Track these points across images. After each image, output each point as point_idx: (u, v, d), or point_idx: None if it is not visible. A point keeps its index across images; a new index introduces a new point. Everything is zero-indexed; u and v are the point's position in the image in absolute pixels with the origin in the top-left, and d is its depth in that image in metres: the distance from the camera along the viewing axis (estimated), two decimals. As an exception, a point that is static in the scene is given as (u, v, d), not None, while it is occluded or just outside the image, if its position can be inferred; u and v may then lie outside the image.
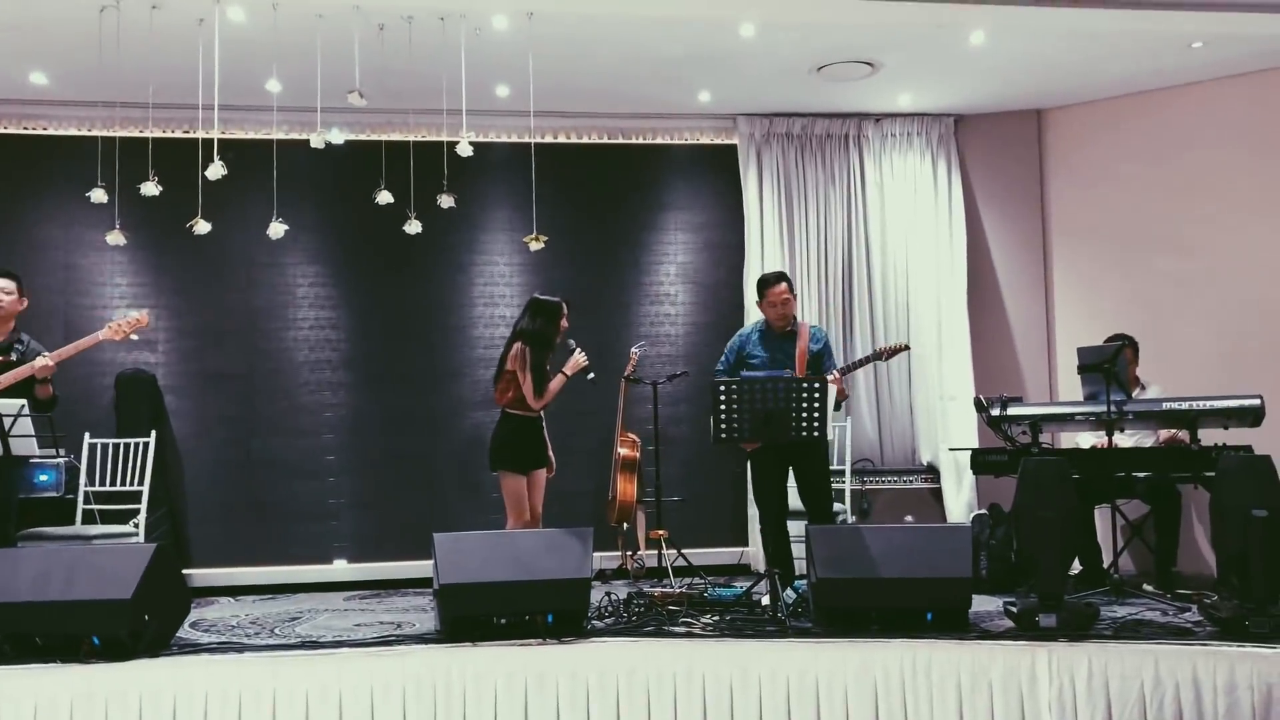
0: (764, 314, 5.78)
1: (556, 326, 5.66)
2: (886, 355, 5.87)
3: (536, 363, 5.58)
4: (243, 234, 6.84)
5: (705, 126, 7.55)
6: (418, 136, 6.34)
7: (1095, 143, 7.38)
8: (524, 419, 5.63)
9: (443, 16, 5.59)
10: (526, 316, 5.68)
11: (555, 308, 5.67)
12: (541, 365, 5.61)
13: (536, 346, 5.60)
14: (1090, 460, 5.77)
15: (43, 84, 6.53)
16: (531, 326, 5.64)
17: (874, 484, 7.15)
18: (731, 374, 5.65)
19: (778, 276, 5.75)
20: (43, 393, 5.36)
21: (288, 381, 7.14)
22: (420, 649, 4.54)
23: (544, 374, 5.61)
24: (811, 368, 5.62)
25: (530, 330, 5.63)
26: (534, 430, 5.66)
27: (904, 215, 7.47)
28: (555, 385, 5.65)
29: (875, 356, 5.86)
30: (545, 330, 5.63)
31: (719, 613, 5.12)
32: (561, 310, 5.68)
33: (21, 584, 4.45)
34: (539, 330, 5.62)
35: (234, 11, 5.49)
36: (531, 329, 5.63)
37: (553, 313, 5.66)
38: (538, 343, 5.60)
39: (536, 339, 5.60)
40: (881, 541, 4.82)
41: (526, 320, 5.67)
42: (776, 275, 5.78)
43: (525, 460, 5.63)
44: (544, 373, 5.62)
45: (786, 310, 5.69)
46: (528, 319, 5.67)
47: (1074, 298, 7.45)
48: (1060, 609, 4.53)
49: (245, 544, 6.94)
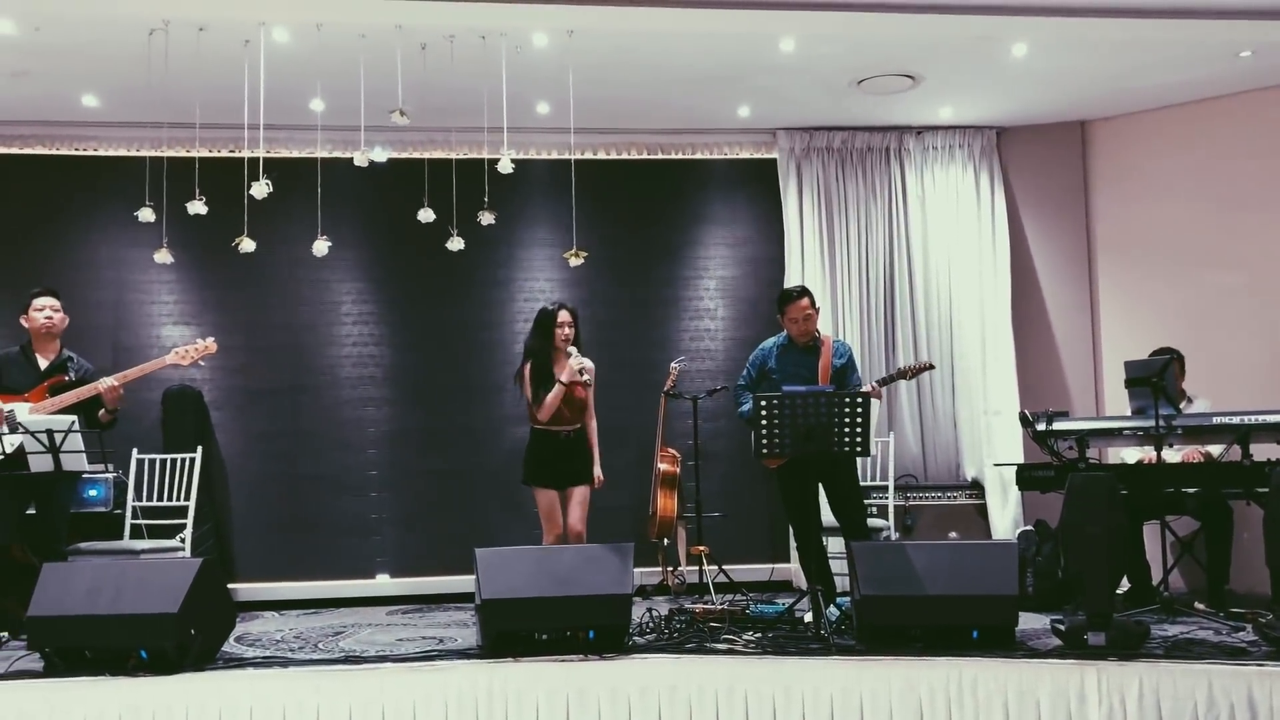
0: (786, 329, 5.70)
1: (551, 334, 5.54)
2: (911, 374, 5.76)
3: (536, 376, 5.52)
4: (287, 252, 6.92)
5: (744, 141, 7.55)
6: (459, 154, 6.40)
7: (1141, 154, 7.29)
8: (548, 434, 5.57)
9: (484, 35, 5.64)
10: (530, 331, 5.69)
11: (546, 316, 5.57)
12: (542, 377, 5.52)
13: (536, 359, 5.56)
14: (1139, 476, 5.67)
15: (94, 106, 6.66)
16: (529, 341, 5.64)
17: (917, 500, 7.08)
18: (754, 389, 5.58)
19: (800, 291, 5.68)
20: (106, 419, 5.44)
21: (331, 397, 7.21)
22: (462, 664, 4.54)
23: (548, 384, 5.50)
24: (836, 382, 5.56)
25: (529, 343, 5.63)
26: (560, 445, 5.57)
27: (946, 229, 7.42)
28: (550, 398, 5.48)
29: (900, 375, 5.77)
30: (540, 341, 5.58)
31: (761, 630, 5.08)
32: (554, 317, 5.54)
33: (72, 598, 4.51)
34: (534, 342, 5.60)
35: (279, 32, 5.57)
36: (529, 342, 5.63)
37: (544, 322, 5.57)
38: (537, 355, 5.57)
39: (534, 352, 5.58)
40: (926, 558, 4.77)
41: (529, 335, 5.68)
42: (799, 290, 5.70)
43: (549, 475, 5.57)
44: (548, 383, 5.50)
45: (808, 326, 5.63)
46: (530, 334, 5.68)
47: (1120, 311, 7.36)
48: (1109, 627, 4.45)
49: (289, 558, 7.00)
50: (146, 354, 6.63)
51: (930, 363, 5.96)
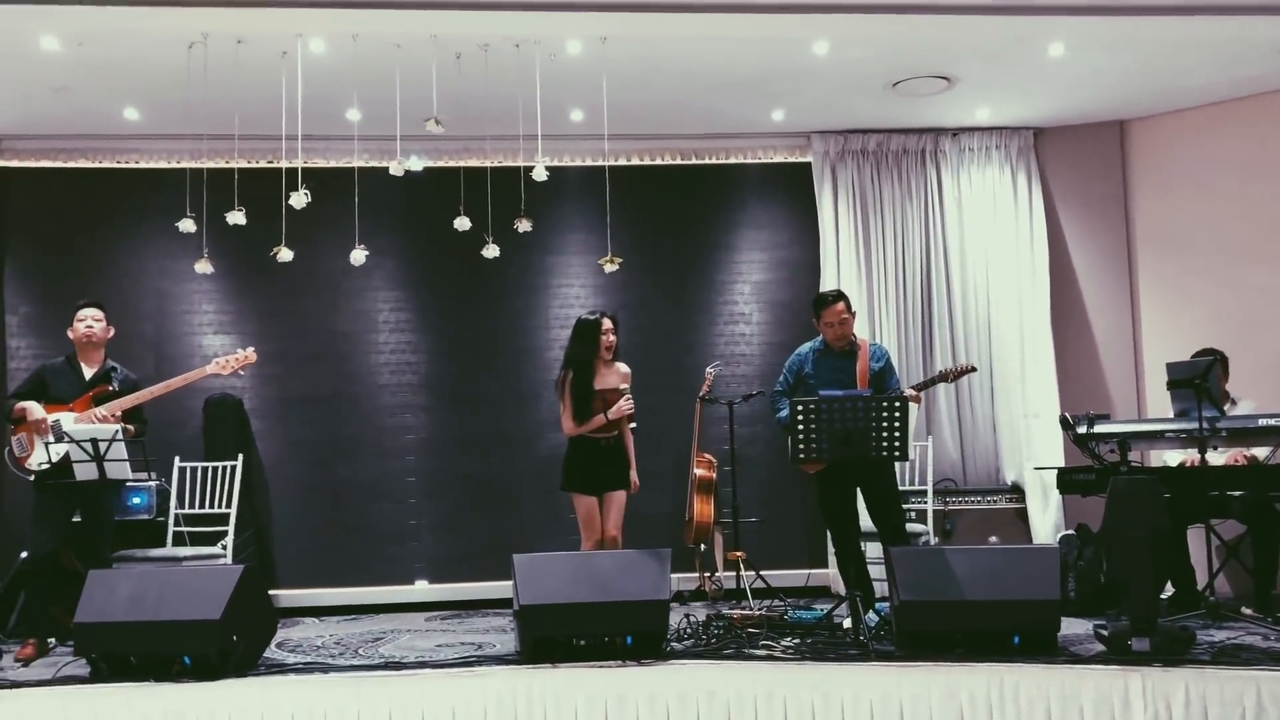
0: (821, 333, 5.67)
1: (595, 344, 5.55)
2: (953, 377, 5.72)
3: (577, 388, 5.52)
4: (325, 261, 6.98)
5: (778, 145, 7.53)
6: (494, 162, 6.43)
7: (1181, 153, 7.20)
8: (588, 441, 5.57)
9: (518, 44, 5.67)
10: (570, 340, 5.69)
11: (589, 326, 5.57)
12: (583, 389, 5.51)
13: (578, 370, 5.55)
14: (1182, 479, 5.60)
15: (135, 119, 6.76)
16: (571, 350, 5.63)
17: (956, 504, 7.02)
18: (791, 395, 5.55)
19: (836, 295, 5.65)
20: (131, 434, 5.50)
21: (369, 405, 7.26)
22: (501, 670, 4.57)
23: (588, 398, 5.50)
24: (874, 386, 5.53)
25: (570, 354, 5.63)
26: (600, 452, 5.57)
27: (983, 230, 7.36)
28: (592, 424, 5.51)
29: (941, 378, 5.72)
30: (583, 351, 5.57)
31: (799, 635, 5.07)
32: (598, 326, 5.55)
33: (117, 604, 4.58)
34: (577, 352, 5.59)
35: (315, 44, 5.63)
36: (571, 352, 5.63)
37: (587, 332, 5.57)
38: (579, 366, 5.56)
39: (576, 362, 5.58)
40: (966, 563, 4.74)
41: (569, 344, 5.68)
42: (835, 294, 5.67)
43: (589, 481, 5.57)
44: (588, 397, 5.50)
45: (844, 330, 5.60)
46: (569, 342, 5.67)
47: (1161, 312, 7.27)
48: (1154, 633, 4.40)
49: (329, 565, 7.06)
50: (188, 363, 6.72)
51: (972, 365, 5.92)
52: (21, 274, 7.12)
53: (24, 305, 7.10)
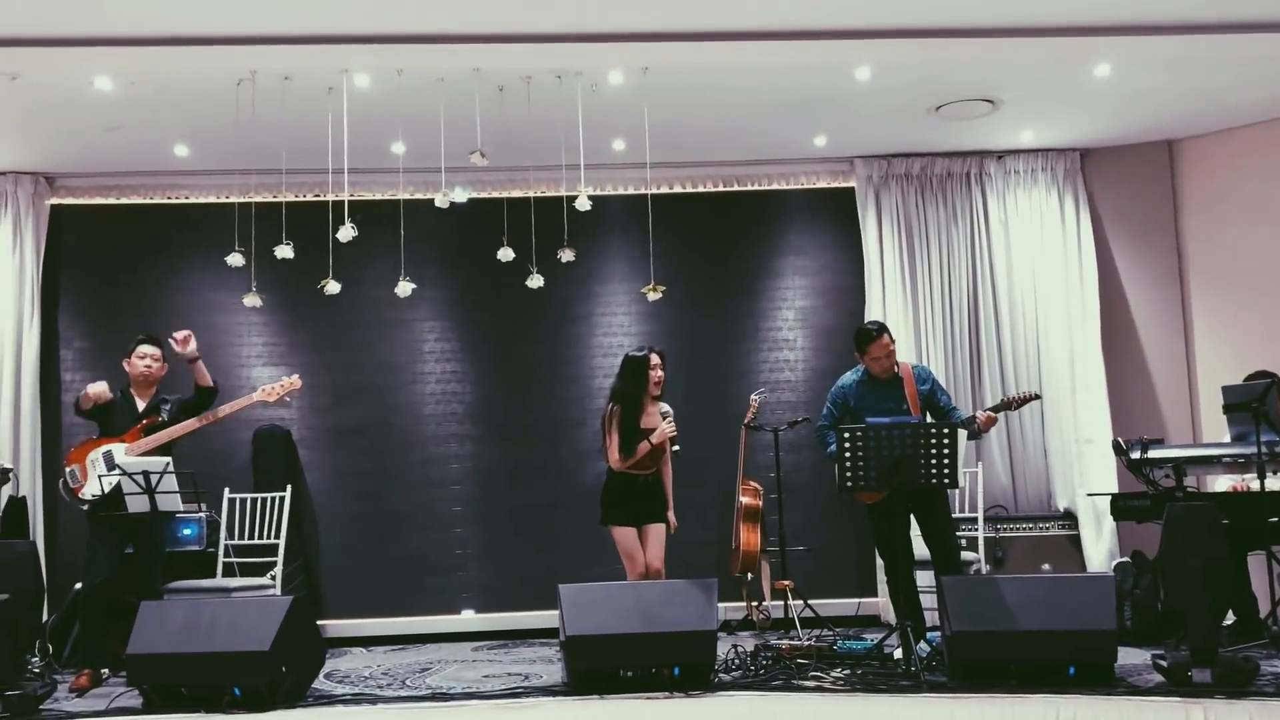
0: (867, 367, 5.62)
1: (644, 380, 5.56)
2: (1016, 405, 5.62)
3: (625, 421, 5.53)
4: (371, 292, 7.05)
5: (821, 170, 7.51)
6: (537, 192, 6.47)
7: (1232, 172, 7.09)
8: (626, 476, 5.55)
9: (560, 75, 5.71)
10: (617, 375, 5.70)
11: (638, 363, 5.59)
12: (630, 424, 5.52)
13: (626, 405, 5.56)
14: (1241, 504, 5.47)
15: (185, 155, 6.88)
16: (620, 385, 5.64)
17: (1008, 531, 6.91)
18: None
19: (879, 328, 5.58)
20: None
21: (415, 435, 7.30)
22: (549, 701, 4.54)
23: (634, 432, 5.51)
24: (927, 407, 5.48)
25: (619, 389, 5.63)
26: (638, 488, 5.55)
27: (1031, 253, 7.28)
28: (639, 454, 5.50)
29: (1005, 406, 5.63)
30: (633, 387, 5.57)
31: (849, 666, 5.00)
32: (646, 362, 5.58)
33: (168, 635, 4.62)
34: (626, 387, 5.59)
35: (360, 79, 5.70)
36: (620, 387, 5.63)
37: (636, 368, 5.59)
38: (627, 400, 5.57)
39: (625, 397, 5.58)
40: (1019, 592, 4.65)
41: (616, 379, 5.70)
42: (878, 327, 5.60)
43: (626, 514, 5.54)
44: (634, 431, 5.51)
45: (891, 361, 5.56)
46: (617, 377, 5.69)
47: (1215, 334, 7.14)
48: (1215, 663, 4.29)
49: (376, 595, 7.08)
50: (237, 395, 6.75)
51: (1036, 393, 5.75)
52: (76, 309, 7.25)
53: (78, 340, 7.23)
